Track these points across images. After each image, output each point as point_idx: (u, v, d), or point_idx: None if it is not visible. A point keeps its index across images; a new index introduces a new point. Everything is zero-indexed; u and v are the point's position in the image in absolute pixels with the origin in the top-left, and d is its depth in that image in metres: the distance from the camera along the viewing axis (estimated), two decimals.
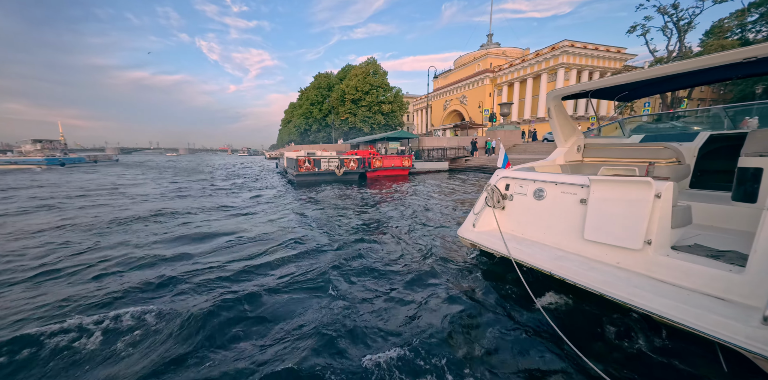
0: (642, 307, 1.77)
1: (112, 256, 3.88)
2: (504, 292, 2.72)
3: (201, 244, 4.40)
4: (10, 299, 2.81)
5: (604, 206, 2.23)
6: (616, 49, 35.40)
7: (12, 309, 2.60)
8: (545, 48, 35.93)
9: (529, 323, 2.26)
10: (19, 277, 3.29)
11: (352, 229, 5.20)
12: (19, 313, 2.54)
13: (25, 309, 2.59)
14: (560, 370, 1.80)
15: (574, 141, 3.61)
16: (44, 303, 2.70)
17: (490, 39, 50.88)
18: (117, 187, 12.09)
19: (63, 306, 2.63)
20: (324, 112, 46.78)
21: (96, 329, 2.25)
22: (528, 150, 20.90)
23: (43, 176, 17.84)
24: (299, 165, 12.76)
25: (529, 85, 38.95)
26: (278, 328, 2.25)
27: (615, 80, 2.73)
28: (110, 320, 2.34)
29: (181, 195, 9.55)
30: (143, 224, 5.60)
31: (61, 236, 4.89)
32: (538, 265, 2.36)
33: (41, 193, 10.36)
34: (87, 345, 2.09)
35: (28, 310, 2.58)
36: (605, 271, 2.09)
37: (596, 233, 2.26)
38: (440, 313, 2.40)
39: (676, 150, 3.09)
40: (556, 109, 3.34)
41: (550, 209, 2.65)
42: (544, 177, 2.75)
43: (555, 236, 2.59)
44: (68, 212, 6.87)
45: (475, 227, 3.05)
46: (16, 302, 2.74)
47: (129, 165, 31.18)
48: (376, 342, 2.07)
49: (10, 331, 2.25)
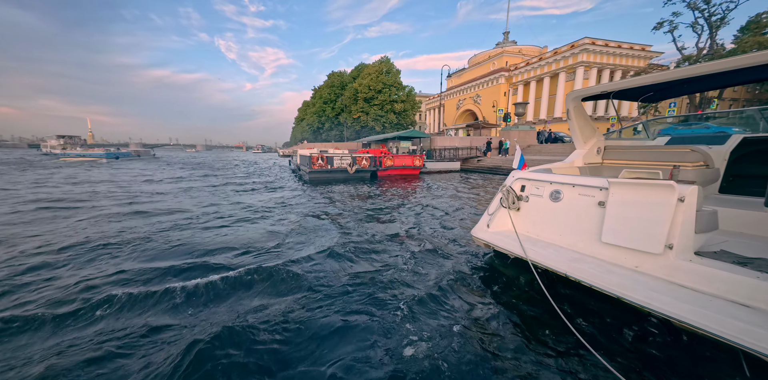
0: (661, 311, 1.75)
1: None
2: (518, 293, 2.72)
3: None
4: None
5: (623, 209, 2.20)
6: (640, 46, 33.89)
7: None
8: (564, 46, 34.82)
9: (543, 324, 2.26)
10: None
11: (363, 225, 5.29)
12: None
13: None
14: (576, 371, 1.81)
15: (593, 143, 3.54)
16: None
17: (506, 37, 49.79)
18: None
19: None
20: (337, 110, 47.18)
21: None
22: (543, 151, 20.42)
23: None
24: (312, 162, 12.96)
25: (546, 84, 37.89)
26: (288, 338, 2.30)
27: (640, 81, 2.65)
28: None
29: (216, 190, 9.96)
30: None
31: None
32: (553, 267, 2.35)
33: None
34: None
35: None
36: (623, 274, 2.07)
37: (614, 237, 2.24)
38: (453, 313, 2.43)
39: (703, 153, 2.99)
40: (576, 110, 3.29)
41: (567, 211, 2.63)
42: (561, 179, 2.73)
43: (571, 238, 2.57)
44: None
45: (489, 227, 3.06)
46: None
47: (163, 160, 32.74)
48: (384, 341, 2.10)
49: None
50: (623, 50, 33.24)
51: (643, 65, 32.88)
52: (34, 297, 2.74)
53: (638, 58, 34.04)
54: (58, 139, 43.52)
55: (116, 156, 33.19)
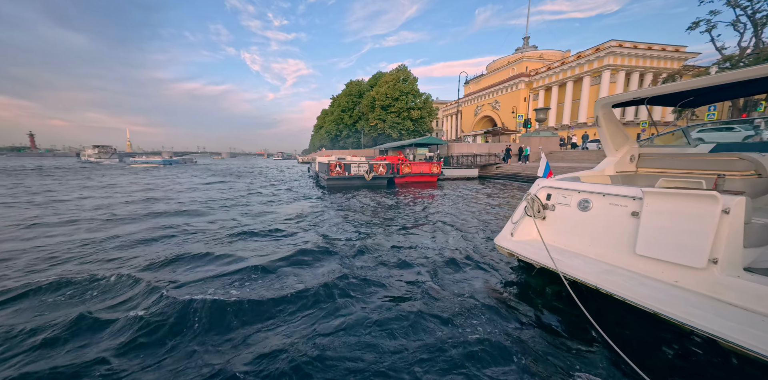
0: (704, 329, 1.64)
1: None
2: (545, 304, 2.63)
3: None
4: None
5: (660, 220, 2.10)
6: (673, 47, 32.15)
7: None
8: (588, 49, 33.76)
9: (575, 336, 2.17)
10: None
11: (380, 233, 5.33)
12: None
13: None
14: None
15: (626, 150, 3.39)
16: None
17: (526, 42, 49.09)
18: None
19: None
20: (354, 118, 48.20)
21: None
22: (566, 158, 19.64)
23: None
24: (330, 169, 13.28)
25: (569, 89, 36.73)
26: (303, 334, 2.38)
27: (679, 86, 2.53)
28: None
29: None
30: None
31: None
32: (583, 278, 2.27)
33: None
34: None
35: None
36: (660, 288, 1.97)
37: (650, 249, 2.14)
38: (478, 325, 2.38)
39: (754, 161, 2.77)
40: (606, 117, 3.18)
41: (597, 221, 2.54)
42: (591, 188, 2.65)
43: (601, 249, 2.47)
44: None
45: (513, 236, 3.00)
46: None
47: (202, 167, 37.07)
48: (410, 351, 2.09)
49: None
50: (654, 52, 31.66)
51: (677, 67, 31.04)
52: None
53: (671, 59, 32.26)
54: (94, 148, 51.28)
55: (170, 163, 41.07)
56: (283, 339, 2.18)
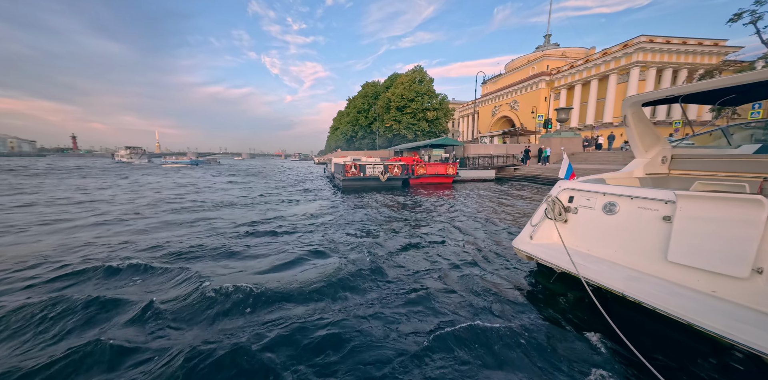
0: (748, 344, 1.52)
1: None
2: (565, 310, 2.53)
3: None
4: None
5: (696, 225, 1.98)
6: (711, 41, 29.95)
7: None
8: (615, 46, 32.15)
9: (598, 345, 2.08)
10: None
11: (391, 233, 5.33)
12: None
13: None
14: None
15: (657, 151, 3.21)
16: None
17: (547, 40, 47.48)
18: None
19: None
20: (369, 119, 48.55)
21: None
22: (590, 159, 18.76)
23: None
24: (346, 170, 13.45)
25: (593, 87, 35.12)
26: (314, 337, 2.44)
27: (720, 83, 2.37)
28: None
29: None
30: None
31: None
32: (608, 284, 2.17)
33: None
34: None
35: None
36: (696, 298, 1.85)
37: (684, 256, 2.01)
38: (493, 328, 2.33)
39: None
40: (635, 116, 3.03)
41: (624, 225, 2.43)
42: (617, 190, 2.54)
43: (628, 254, 2.36)
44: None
45: (532, 239, 2.92)
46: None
47: (224, 167, 39.03)
48: (425, 352, 2.07)
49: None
50: (690, 47, 29.64)
51: (716, 62, 28.84)
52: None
53: (709, 55, 30.05)
54: (126, 150, 56.47)
55: (196, 163, 44.51)
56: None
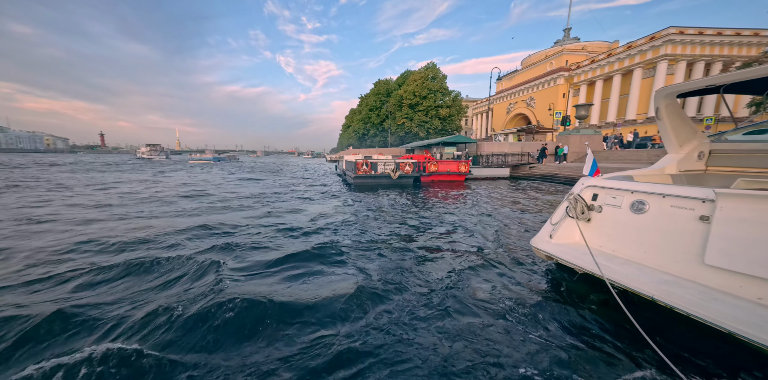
0: None
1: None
2: (588, 314, 2.39)
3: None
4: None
5: (738, 226, 1.81)
6: (751, 31, 27.78)
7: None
8: (641, 39, 30.44)
9: (623, 351, 1.95)
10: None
11: (404, 232, 5.26)
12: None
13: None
14: None
15: (694, 146, 2.99)
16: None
17: (567, 34, 45.61)
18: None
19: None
20: (381, 117, 48.42)
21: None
22: (611, 158, 17.93)
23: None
24: (357, 168, 13.46)
25: (615, 83, 33.50)
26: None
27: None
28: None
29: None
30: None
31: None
32: (636, 288, 2.03)
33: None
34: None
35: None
36: (738, 305, 1.69)
37: (724, 259, 1.85)
38: (509, 331, 2.24)
39: None
40: (669, 108, 2.81)
41: (654, 225, 2.26)
42: (647, 188, 2.37)
43: (659, 257, 2.20)
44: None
45: (552, 238, 2.78)
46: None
47: (243, 165, 39.02)
48: (445, 352, 2.01)
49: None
50: (726, 38, 27.64)
51: (757, 53, 26.75)
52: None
53: (748, 45, 27.91)
54: (146, 147, 59.86)
55: (218, 160, 47.26)
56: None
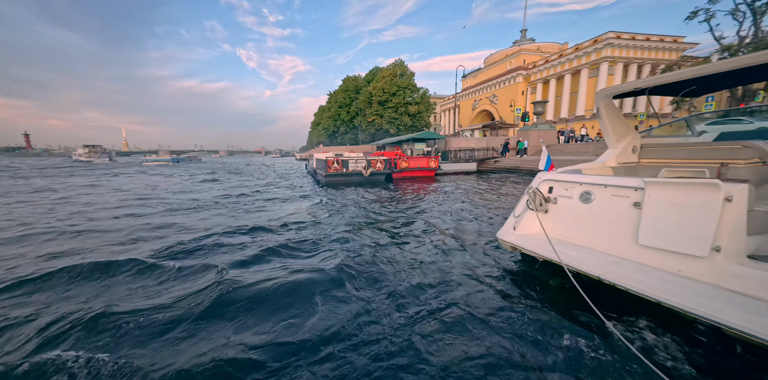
0: (709, 318, 1.64)
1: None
2: (550, 297, 2.62)
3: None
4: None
5: (662, 209, 2.09)
6: (671, 38, 31.91)
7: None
8: (586, 41, 33.48)
9: (582, 328, 2.18)
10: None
11: (378, 228, 5.31)
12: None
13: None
14: (622, 377, 1.73)
15: (628, 142, 3.37)
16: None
17: (524, 35, 48.56)
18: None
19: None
20: (351, 114, 47.86)
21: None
22: (564, 151, 19.60)
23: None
24: (328, 166, 13.21)
25: (566, 82, 36.54)
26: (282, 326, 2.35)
27: (682, 75, 2.50)
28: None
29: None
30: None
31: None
32: (586, 270, 2.26)
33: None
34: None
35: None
36: (664, 278, 1.96)
37: (653, 239, 2.13)
38: (482, 321, 2.36)
39: (759, 149, 2.74)
40: (607, 108, 3.15)
41: (599, 212, 2.53)
42: (592, 179, 2.63)
43: (604, 240, 2.47)
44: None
45: (515, 230, 2.99)
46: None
47: (205, 166, 37.06)
48: (405, 353, 2.06)
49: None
50: (653, 43, 31.43)
51: (676, 58, 30.84)
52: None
53: (669, 50, 32.04)
54: (84, 148, 52.37)
55: (177, 161, 44.21)
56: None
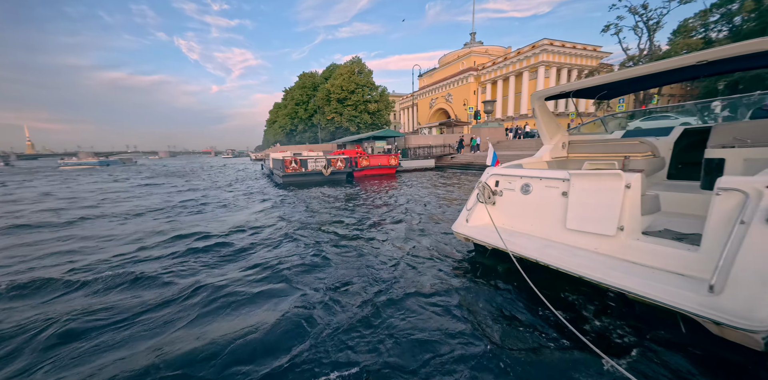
0: (615, 286, 1.94)
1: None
2: (498, 281, 2.83)
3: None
4: None
5: (582, 197, 2.42)
6: (592, 47, 36.92)
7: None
8: (526, 46, 36.96)
9: (524, 305, 2.41)
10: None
11: (341, 226, 5.26)
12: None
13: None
14: (553, 340, 1.98)
15: (558, 138, 3.80)
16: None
17: (473, 37, 51.70)
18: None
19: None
20: (310, 112, 46.23)
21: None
22: (512, 147, 21.51)
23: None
24: (286, 166, 12.61)
25: (511, 83, 39.96)
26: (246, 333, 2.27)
27: (594, 81, 2.92)
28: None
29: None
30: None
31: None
32: (526, 254, 2.51)
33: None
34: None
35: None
36: (585, 256, 2.27)
37: (576, 223, 2.45)
38: (436, 306, 2.48)
39: (650, 144, 3.32)
40: (540, 109, 3.53)
41: (537, 202, 2.81)
42: (530, 173, 2.93)
43: (541, 227, 2.75)
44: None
45: (468, 222, 3.18)
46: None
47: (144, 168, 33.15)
48: (363, 339, 2.11)
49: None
50: (579, 51, 35.99)
51: (596, 65, 35.85)
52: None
53: (592, 57, 37.04)
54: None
55: (107, 164, 40.32)
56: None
